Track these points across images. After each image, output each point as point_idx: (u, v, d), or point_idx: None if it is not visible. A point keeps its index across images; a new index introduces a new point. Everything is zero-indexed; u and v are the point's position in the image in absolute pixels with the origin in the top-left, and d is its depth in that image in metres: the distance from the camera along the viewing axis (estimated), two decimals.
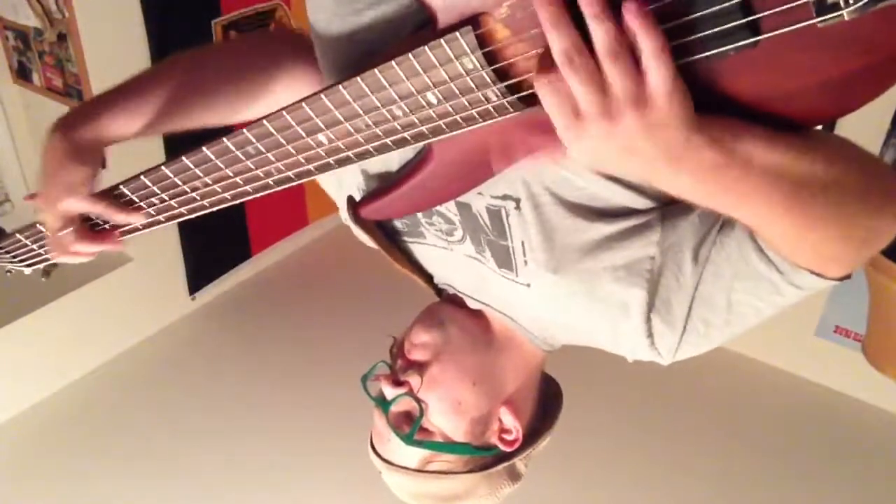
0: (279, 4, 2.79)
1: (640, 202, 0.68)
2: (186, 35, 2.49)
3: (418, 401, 0.83)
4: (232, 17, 2.63)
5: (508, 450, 0.87)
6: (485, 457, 0.87)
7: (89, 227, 0.87)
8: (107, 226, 0.88)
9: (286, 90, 0.90)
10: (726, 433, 2.52)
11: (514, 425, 0.87)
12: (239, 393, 2.63)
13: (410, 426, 0.83)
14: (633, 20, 0.45)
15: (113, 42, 2.35)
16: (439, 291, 0.94)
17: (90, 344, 2.66)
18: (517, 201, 0.71)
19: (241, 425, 2.51)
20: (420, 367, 0.85)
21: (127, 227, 0.88)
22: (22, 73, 2.56)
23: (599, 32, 0.46)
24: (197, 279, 2.92)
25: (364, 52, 0.71)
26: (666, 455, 2.43)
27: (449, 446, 0.84)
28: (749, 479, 2.36)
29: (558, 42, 0.47)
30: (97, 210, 0.83)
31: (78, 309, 2.56)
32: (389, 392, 0.85)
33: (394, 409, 0.85)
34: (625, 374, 1.53)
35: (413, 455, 0.85)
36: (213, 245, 2.86)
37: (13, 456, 2.39)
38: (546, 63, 0.49)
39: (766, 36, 0.45)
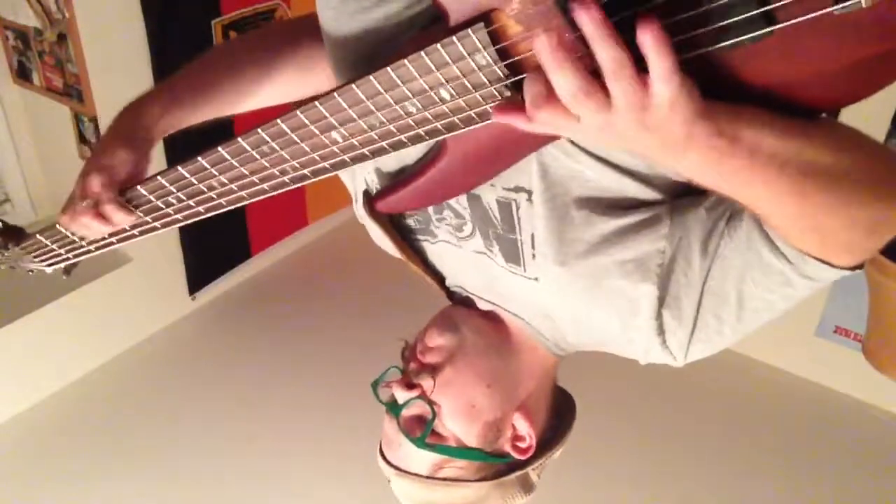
0: (279, 4, 2.79)
1: (650, 194, 0.68)
2: (186, 35, 2.49)
3: (431, 403, 0.82)
4: (232, 16, 2.63)
5: (522, 458, 0.86)
6: (497, 465, 0.85)
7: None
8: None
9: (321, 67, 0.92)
10: (726, 433, 2.52)
11: (527, 432, 0.86)
12: (239, 393, 2.63)
13: (422, 430, 0.82)
14: (646, 41, 0.45)
15: (113, 42, 2.35)
16: (451, 295, 0.93)
17: (90, 344, 2.66)
18: (529, 193, 0.71)
19: (241, 425, 2.50)
20: (433, 370, 0.83)
21: (139, 227, 0.89)
22: (22, 73, 2.55)
23: (604, 55, 0.46)
24: (197, 279, 2.92)
25: (373, 49, 0.71)
26: (665, 454, 2.43)
27: (461, 451, 0.83)
28: (749, 478, 2.35)
29: (564, 85, 0.48)
30: (104, 198, 0.85)
31: (78, 309, 2.56)
32: (401, 395, 0.84)
33: (405, 412, 0.84)
34: (624, 373, 1.53)
35: (424, 461, 0.84)
36: (213, 245, 2.86)
37: (13, 456, 2.38)
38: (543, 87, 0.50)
39: (782, 25, 0.44)
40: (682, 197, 0.69)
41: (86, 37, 2.28)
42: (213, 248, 2.88)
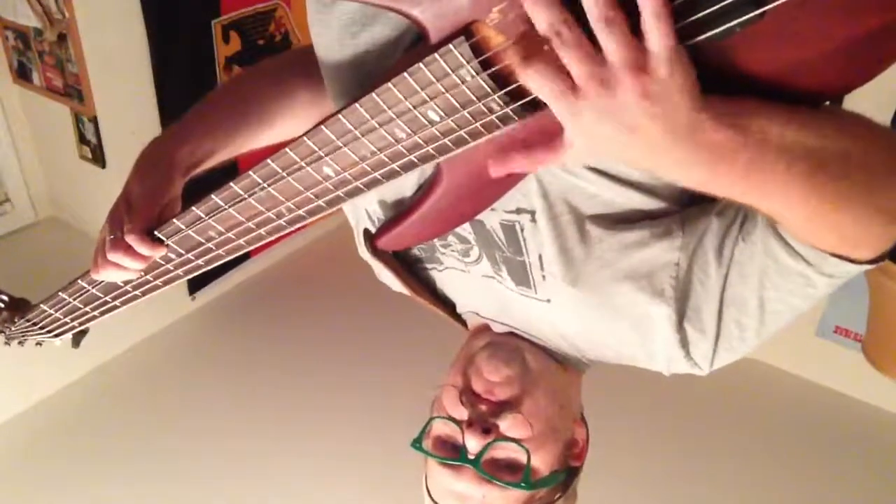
0: (279, 4, 2.78)
1: (657, 204, 0.66)
2: (186, 35, 2.49)
3: (518, 442, 0.76)
4: (232, 17, 2.63)
5: (578, 464, 0.85)
6: (563, 478, 0.83)
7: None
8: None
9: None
10: (725, 433, 2.52)
11: (581, 437, 0.85)
12: (238, 393, 2.63)
13: (511, 473, 0.76)
14: None
15: (113, 42, 2.35)
16: (463, 323, 0.91)
17: (90, 343, 2.64)
18: (532, 214, 0.69)
19: (240, 425, 2.50)
20: (510, 406, 0.77)
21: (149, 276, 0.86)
22: (22, 73, 2.55)
23: (589, 1, 0.43)
24: (197, 279, 2.91)
25: (365, 74, 0.70)
26: (664, 454, 2.43)
27: (551, 478, 0.80)
28: (748, 478, 2.35)
29: (543, 17, 0.44)
30: (128, 227, 0.79)
31: None
32: (476, 443, 0.76)
33: (487, 459, 0.77)
34: (621, 374, 1.52)
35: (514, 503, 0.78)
36: None
37: (13, 456, 2.38)
38: (527, 45, 0.46)
39: (772, 5, 0.42)
40: (691, 206, 0.67)
41: (86, 37, 2.27)
42: None
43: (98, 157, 2.50)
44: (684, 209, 0.68)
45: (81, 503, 2.24)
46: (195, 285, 2.92)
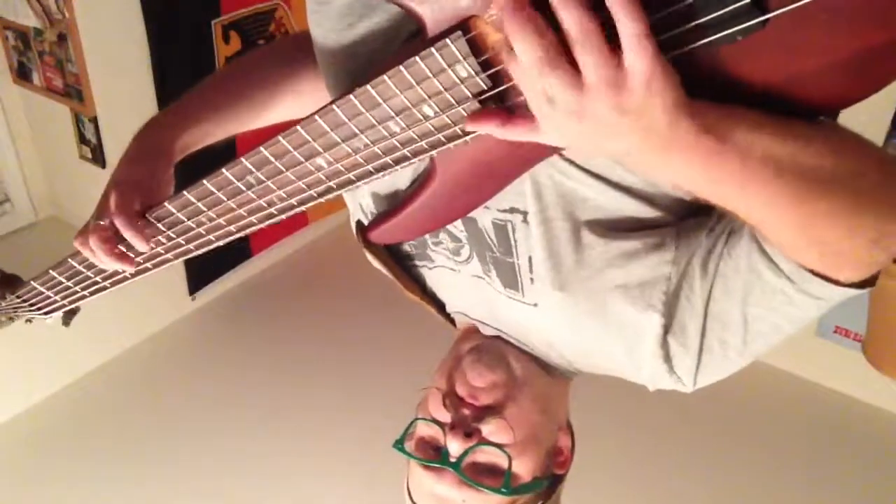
0: (279, 4, 2.78)
1: (653, 213, 0.65)
2: (186, 35, 2.49)
3: (500, 447, 0.76)
4: (232, 16, 2.63)
5: (562, 472, 0.84)
6: (546, 486, 0.82)
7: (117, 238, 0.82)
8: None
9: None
10: (724, 433, 2.51)
11: (566, 445, 0.84)
12: (239, 393, 2.63)
13: (492, 478, 0.76)
14: (613, 2, 0.41)
15: (113, 42, 2.35)
16: (453, 322, 0.90)
17: (91, 344, 2.66)
18: (524, 214, 0.68)
19: (240, 425, 2.50)
20: (494, 411, 0.77)
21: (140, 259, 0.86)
22: (22, 73, 2.55)
23: (567, 19, 0.42)
24: (197, 279, 2.91)
25: (362, 65, 0.69)
26: (663, 454, 2.43)
27: (531, 485, 0.79)
28: (748, 478, 2.35)
29: (527, 50, 0.44)
30: (119, 215, 0.78)
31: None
32: (458, 447, 0.76)
33: (468, 463, 0.76)
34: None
35: None
36: None
37: (13, 456, 2.39)
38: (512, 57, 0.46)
39: (775, 13, 0.41)
40: (688, 218, 0.67)
41: (86, 37, 2.28)
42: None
43: (98, 157, 2.50)
44: (681, 221, 0.67)
45: (81, 503, 2.24)
46: (195, 285, 2.92)
